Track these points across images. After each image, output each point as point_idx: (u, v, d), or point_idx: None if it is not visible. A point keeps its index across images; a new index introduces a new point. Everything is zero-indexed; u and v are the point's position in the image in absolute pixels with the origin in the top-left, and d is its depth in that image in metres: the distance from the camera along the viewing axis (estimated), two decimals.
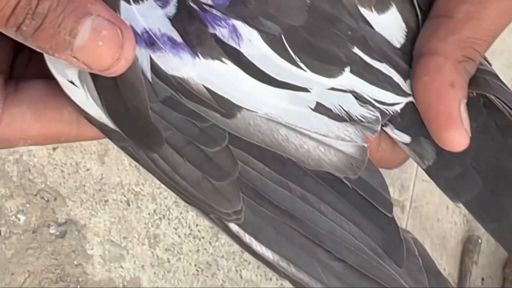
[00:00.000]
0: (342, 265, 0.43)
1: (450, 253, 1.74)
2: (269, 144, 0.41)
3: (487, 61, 0.46)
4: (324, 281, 0.43)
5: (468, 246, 1.73)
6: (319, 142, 0.42)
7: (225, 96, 0.40)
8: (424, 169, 0.46)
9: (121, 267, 1.41)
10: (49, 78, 0.40)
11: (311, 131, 0.41)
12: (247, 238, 0.43)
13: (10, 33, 0.35)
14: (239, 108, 0.40)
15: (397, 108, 0.43)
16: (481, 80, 0.45)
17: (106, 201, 1.39)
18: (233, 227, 0.42)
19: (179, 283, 1.46)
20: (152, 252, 1.44)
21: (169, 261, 1.45)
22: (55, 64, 0.38)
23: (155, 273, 1.44)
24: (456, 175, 0.46)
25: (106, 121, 0.39)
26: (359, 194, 0.43)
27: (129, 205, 1.41)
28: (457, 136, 0.43)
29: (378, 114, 0.42)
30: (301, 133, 0.41)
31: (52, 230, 1.35)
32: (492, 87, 0.45)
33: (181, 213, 1.45)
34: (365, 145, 0.42)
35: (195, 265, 1.47)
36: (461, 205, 0.47)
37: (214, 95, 0.39)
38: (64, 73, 0.38)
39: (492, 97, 0.45)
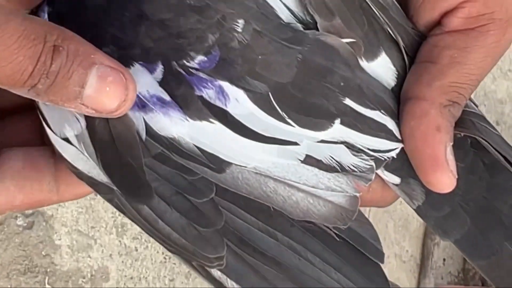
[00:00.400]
0: None
1: (413, 235, 1.76)
2: (257, 196, 0.42)
3: (474, 103, 0.48)
4: None
5: (430, 228, 1.76)
6: (308, 193, 0.43)
7: (215, 153, 0.41)
8: (414, 209, 0.47)
9: (89, 256, 1.41)
10: (24, 145, 0.42)
11: (300, 183, 0.42)
12: (229, 283, 0.43)
13: (22, 92, 0.37)
14: (228, 164, 0.41)
15: (393, 154, 0.44)
16: (467, 122, 0.46)
17: None
18: (215, 272, 0.43)
19: (147, 271, 1.46)
20: (120, 241, 1.44)
21: (136, 250, 1.45)
22: (52, 123, 0.40)
23: (123, 261, 1.44)
24: (445, 214, 0.47)
25: (94, 175, 0.41)
26: (348, 243, 0.44)
27: (96, 194, 1.41)
28: (444, 179, 0.44)
29: (372, 163, 0.43)
30: (289, 185, 0.42)
31: (20, 221, 1.34)
32: (478, 129, 0.46)
33: None
34: (357, 194, 0.43)
35: (162, 253, 1.48)
36: None
37: (204, 152, 0.41)
38: (62, 132, 0.40)
39: (479, 138, 0.46)
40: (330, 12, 0.42)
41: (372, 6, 0.44)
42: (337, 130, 0.42)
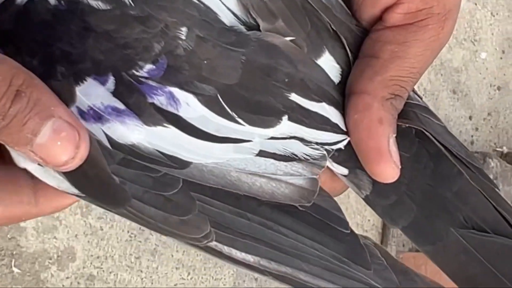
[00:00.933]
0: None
1: None
2: (224, 185, 0.44)
3: (418, 95, 0.49)
4: (305, 269, 0.46)
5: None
6: (270, 178, 0.44)
7: (174, 155, 0.42)
8: (362, 198, 0.49)
9: (55, 237, 1.42)
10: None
11: (260, 172, 0.44)
12: (226, 249, 0.45)
13: None
14: (189, 162, 0.43)
15: (340, 145, 0.46)
16: (410, 114, 0.48)
17: None
18: (211, 242, 0.45)
19: (113, 250, 1.48)
20: (85, 221, 1.45)
21: (102, 229, 1.46)
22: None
23: (88, 241, 1.45)
24: (392, 203, 0.49)
25: (65, 189, 0.42)
26: (315, 216, 0.46)
27: None
28: (387, 169, 0.46)
29: (323, 151, 0.45)
30: (251, 173, 0.44)
31: None
32: (421, 120, 0.48)
33: None
34: (315, 177, 0.45)
35: (127, 231, 1.49)
36: None
37: (165, 154, 0.42)
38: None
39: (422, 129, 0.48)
40: (272, 15, 0.43)
41: (314, 7, 0.45)
42: (285, 126, 0.44)
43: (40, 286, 1.40)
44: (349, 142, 0.47)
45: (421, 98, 0.49)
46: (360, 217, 1.72)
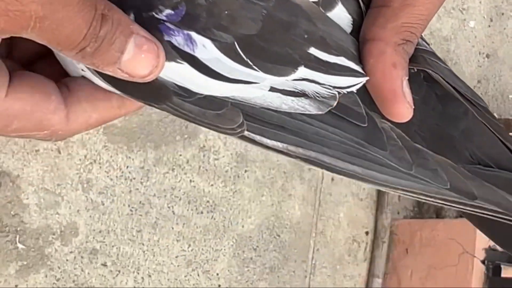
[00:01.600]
0: None
1: None
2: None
3: (425, 41, 0.52)
4: (328, 153, 0.49)
5: None
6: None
7: (185, 86, 0.45)
8: None
9: (57, 213, 1.44)
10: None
11: (264, 105, 0.47)
12: (258, 138, 0.48)
13: (69, 55, 0.41)
14: (200, 94, 0.46)
15: (353, 89, 0.49)
16: (420, 58, 0.51)
17: (37, 150, 1.41)
18: (244, 132, 0.48)
19: (114, 224, 1.50)
20: (86, 197, 1.47)
21: (103, 204, 1.49)
22: (68, 66, 0.45)
23: (90, 216, 1.47)
24: None
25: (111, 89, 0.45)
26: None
27: (60, 152, 1.43)
28: (402, 109, 0.49)
29: (335, 92, 0.48)
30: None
31: None
32: (430, 64, 0.51)
33: (111, 156, 1.48)
34: (321, 112, 0.48)
35: (128, 206, 1.51)
36: None
37: (177, 85, 0.45)
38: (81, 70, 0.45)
39: (430, 71, 0.51)
40: None
41: None
42: (301, 73, 0.46)
43: (44, 261, 1.43)
44: (364, 88, 0.49)
45: (428, 45, 0.52)
46: (355, 186, 1.75)
